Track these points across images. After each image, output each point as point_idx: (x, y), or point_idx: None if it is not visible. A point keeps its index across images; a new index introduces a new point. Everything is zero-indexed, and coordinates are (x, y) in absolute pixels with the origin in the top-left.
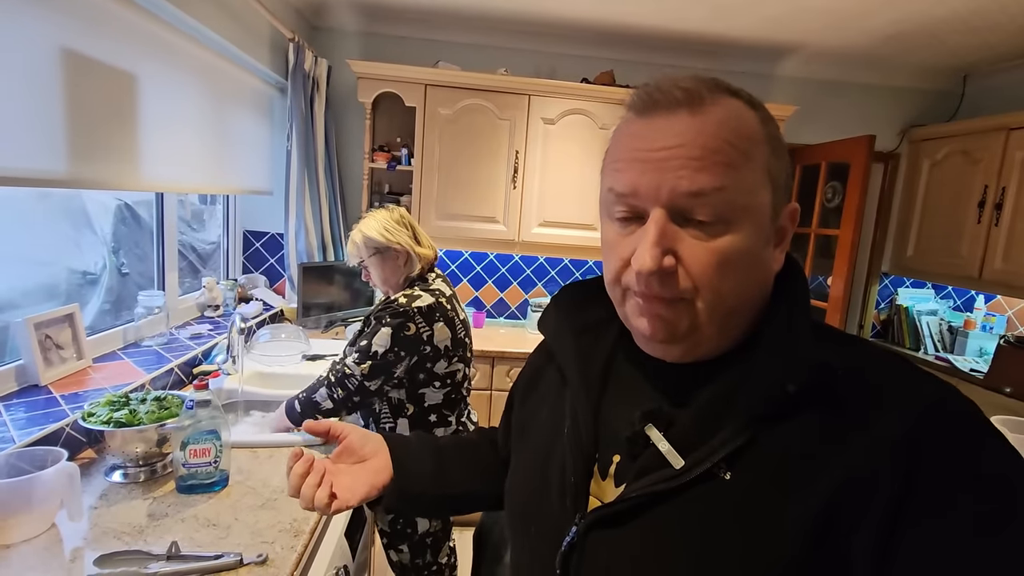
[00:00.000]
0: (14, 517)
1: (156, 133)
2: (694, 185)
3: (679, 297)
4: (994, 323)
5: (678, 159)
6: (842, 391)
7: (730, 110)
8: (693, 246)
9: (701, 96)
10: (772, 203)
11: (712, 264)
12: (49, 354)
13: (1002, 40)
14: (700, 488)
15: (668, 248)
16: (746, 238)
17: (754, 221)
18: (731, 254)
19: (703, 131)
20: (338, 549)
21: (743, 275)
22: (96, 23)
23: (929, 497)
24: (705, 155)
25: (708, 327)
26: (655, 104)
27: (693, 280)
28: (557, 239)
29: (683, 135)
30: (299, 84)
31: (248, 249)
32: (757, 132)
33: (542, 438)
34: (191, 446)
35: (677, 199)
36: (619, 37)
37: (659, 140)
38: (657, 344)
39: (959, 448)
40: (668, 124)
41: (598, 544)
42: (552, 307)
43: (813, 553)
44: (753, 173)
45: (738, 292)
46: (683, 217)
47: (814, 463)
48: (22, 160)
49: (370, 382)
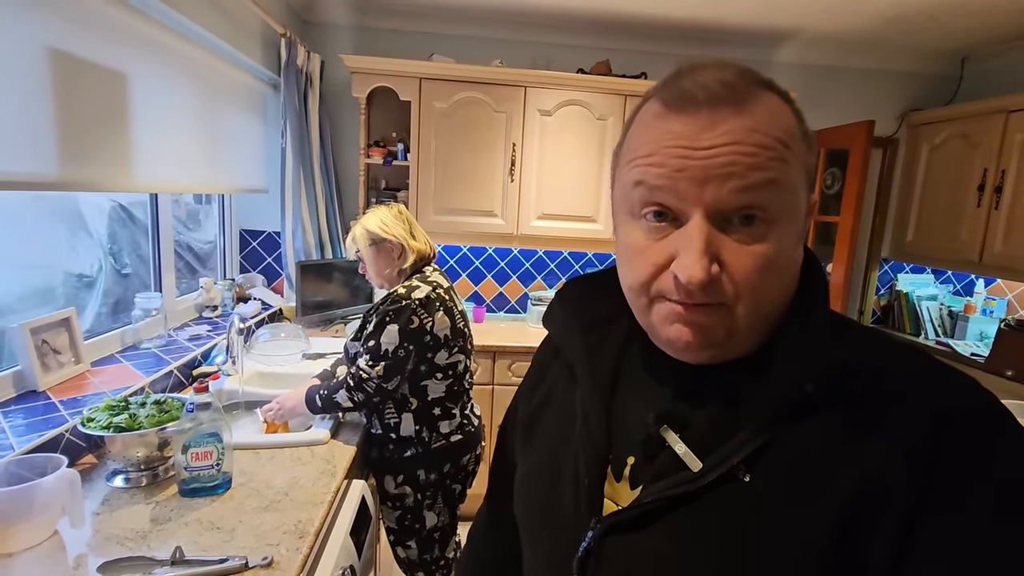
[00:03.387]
0: (15, 525)
1: (149, 133)
2: (745, 181)
3: (719, 303)
4: (994, 307)
5: (728, 156)
6: (861, 390)
7: (772, 106)
8: (737, 251)
9: (745, 91)
10: (807, 199)
11: (756, 269)
12: (47, 359)
13: (1001, 21)
14: (719, 491)
15: (713, 255)
16: (786, 239)
17: (793, 220)
18: (775, 257)
19: (755, 128)
20: (343, 549)
21: (782, 277)
22: (85, 22)
23: (947, 494)
24: (757, 151)
25: (744, 333)
26: (693, 99)
27: (736, 286)
28: (556, 232)
29: (733, 133)
30: (292, 80)
31: (245, 248)
32: (795, 128)
33: (551, 437)
34: (193, 449)
35: (724, 199)
36: (614, 26)
37: (704, 138)
38: (688, 353)
39: (979, 447)
40: (712, 123)
41: (616, 548)
42: (557, 303)
43: (833, 556)
44: (796, 170)
45: (775, 296)
46: (724, 219)
47: (833, 464)
48: (12, 163)
49: (388, 383)
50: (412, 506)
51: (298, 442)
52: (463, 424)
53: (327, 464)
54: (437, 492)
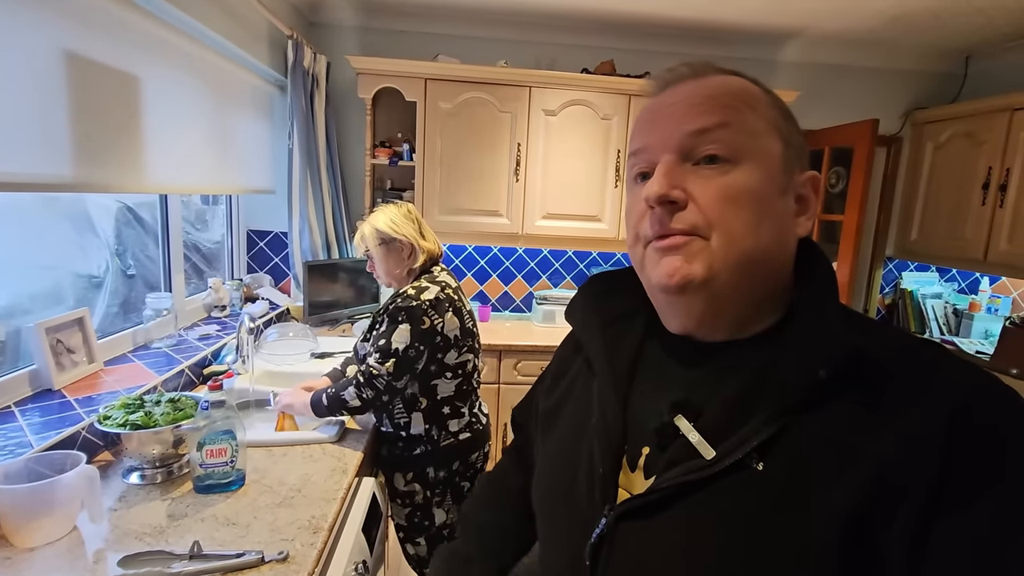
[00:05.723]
0: (37, 521)
1: (160, 134)
2: (698, 124)
3: (692, 232)
4: (999, 305)
5: (685, 107)
6: (875, 379)
7: (731, 79)
8: (703, 183)
9: (705, 72)
10: (783, 155)
11: (721, 197)
12: (61, 358)
13: (1006, 19)
14: (731, 478)
15: (677, 184)
16: (753, 176)
17: (761, 163)
18: (740, 189)
19: (707, 86)
20: (356, 545)
21: (755, 215)
22: (97, 25)
23: (962, 487)
24: (708, 102)
25: (725, 272)
26: (665, 82)
27: (703, 213)
28: (561, 231)
29: (690, 93)
30: (299, 81)
31: (252, 249)
32: (759, 94)
33: (570, 429)
34: (207, 446)
35: (684, 140)
36: (619, 26)
37: (667, 100)
38: (676, 293)
39: (994, 441)
40: (675, 90)
41: (628, 535)
42: (580, 297)
43: (845, 545)
44: (757, 119)
45: (753, 234)
46: (691, 159)
47: (847, 453)
48: (28, 166)
49: (398, 381)
50: (421, 503)
51: (309, 440)
52: (471, 422)
53: (338, 461)
54: (446, 489)
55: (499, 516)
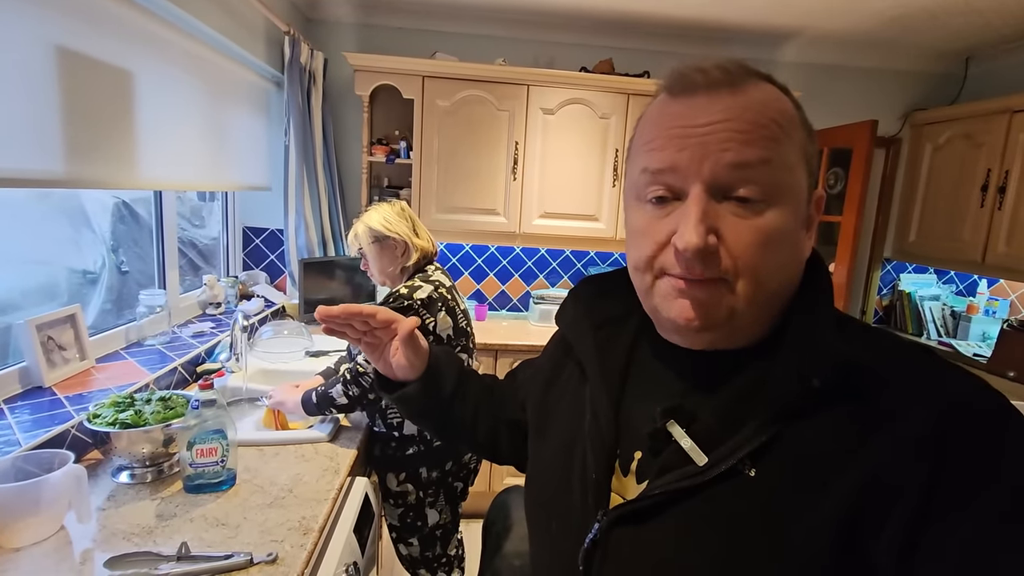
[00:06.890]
0: (23, 520)
1: (153, 130)
2: (740, 157)
3: (719, 278)
4: (997, 307)
5: (724, 132)
6: (868, 386)
7: (768, 91)
8: (735, 224)
9: (742, 78)
10: (808, 186)
11: (755, 243)
12: (52, 355)
13: (1005, 21)
14: (724, 485)
15: (711, 226)
16: (786, 217)
17: (793, 201)
18: (773, 233)
19: (749, 107)
20: (347, 546)
21: (783, 256)
22: (90, 20)
23: (955, 493)
24: (752, 129)
25: (746, 314)
26: (694, 84)
27: (734, 260)
28: (558, 230)
29: (729, 110)
30: (295, 78)
31: (248, 245)
32: (794, 114)
33: (562, 433)
34: (198, 446)
35: (721, 173)
36: (618, 25)
37: (702, 116)
38: (690, 333)
39: (988, 447)
40: (710, 102)
41: (621, 541)
42: (571, 300)
43: (837, 550)
44: (793, 152)
45: (778, 275)
46: (723, 194)
47: (839, 460)
48: (19, 161)
49: None
50: (414, 504)
51: (302, 439)
52: None
53: (330, 461)
54: (439, 490)
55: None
